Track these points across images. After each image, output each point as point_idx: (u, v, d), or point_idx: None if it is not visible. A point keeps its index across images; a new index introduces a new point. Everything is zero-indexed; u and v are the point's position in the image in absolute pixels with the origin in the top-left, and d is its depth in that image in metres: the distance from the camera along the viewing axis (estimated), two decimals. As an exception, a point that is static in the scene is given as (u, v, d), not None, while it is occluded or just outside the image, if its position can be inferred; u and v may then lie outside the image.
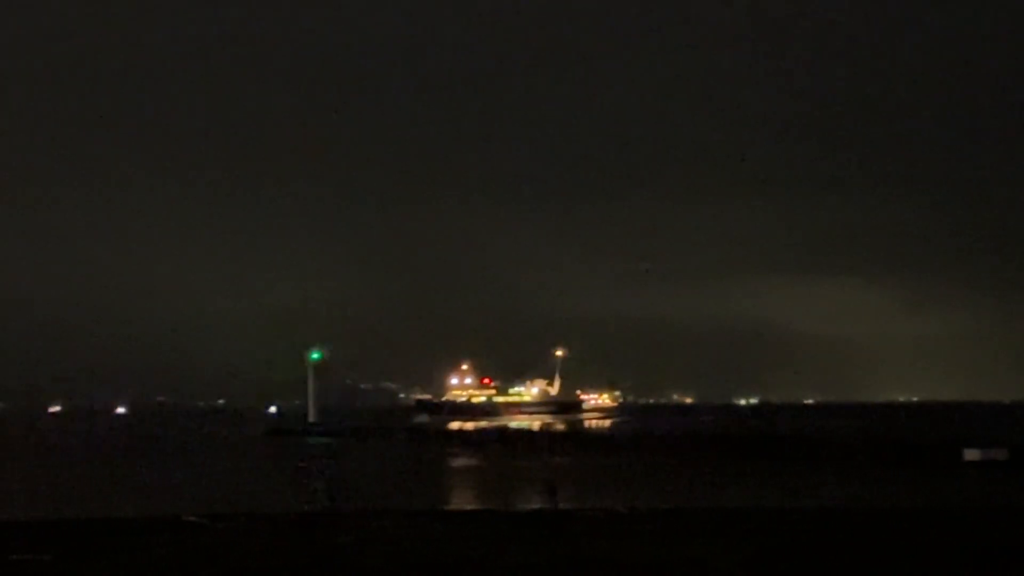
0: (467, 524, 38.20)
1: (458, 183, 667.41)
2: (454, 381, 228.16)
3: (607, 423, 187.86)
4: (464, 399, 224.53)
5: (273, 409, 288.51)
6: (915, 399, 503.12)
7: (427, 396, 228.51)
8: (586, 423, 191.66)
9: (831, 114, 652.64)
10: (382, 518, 42.26)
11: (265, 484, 69.27)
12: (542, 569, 25.05)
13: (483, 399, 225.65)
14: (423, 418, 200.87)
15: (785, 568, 25.15)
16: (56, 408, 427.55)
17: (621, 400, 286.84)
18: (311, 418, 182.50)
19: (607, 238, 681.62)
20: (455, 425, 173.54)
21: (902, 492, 56.68)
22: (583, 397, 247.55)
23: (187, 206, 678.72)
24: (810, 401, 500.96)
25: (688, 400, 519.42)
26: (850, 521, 37.80)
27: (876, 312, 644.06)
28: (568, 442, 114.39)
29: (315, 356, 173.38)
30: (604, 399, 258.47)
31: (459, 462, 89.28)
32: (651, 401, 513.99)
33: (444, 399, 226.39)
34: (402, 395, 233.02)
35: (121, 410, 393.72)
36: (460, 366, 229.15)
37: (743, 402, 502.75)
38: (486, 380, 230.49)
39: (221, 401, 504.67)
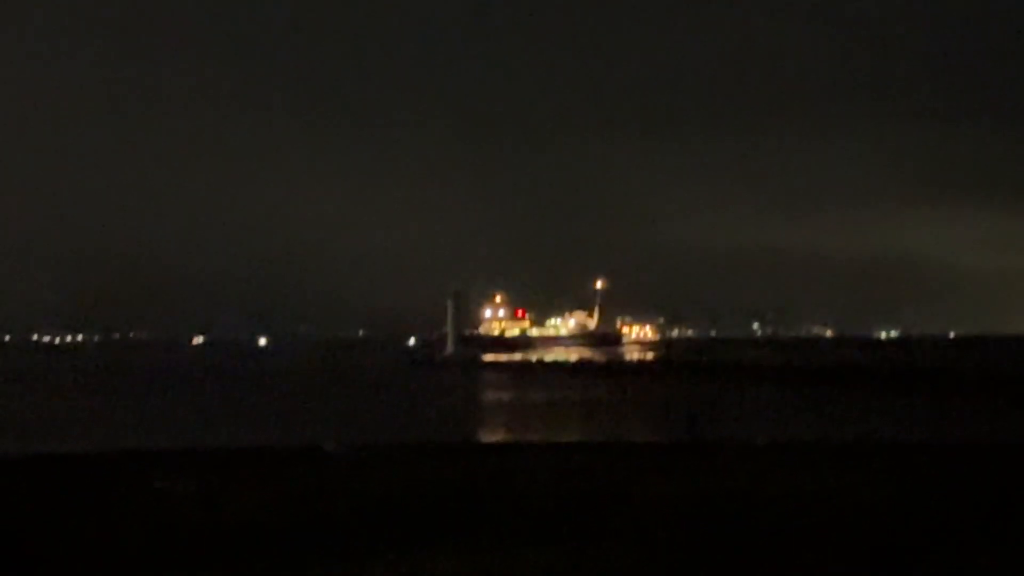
0: (606, 455, 37.98)
1: (579, 119, 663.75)
2: (487, 313, 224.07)
3: (649, 356, 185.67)
4: (497, 332, 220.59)
5: (412, 341, 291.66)
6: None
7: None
8: (627, 356, 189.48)
9: (983, 38, 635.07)
10: (522, 449, 42.36)
11: (410, 415, 69.91)
12: (686, 501, 24.73)
13: (516, 332, 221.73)
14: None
15: (934, 502, 24.53)
16: (199, 339, 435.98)
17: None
18: (449, 350, 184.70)
19: (747, 171, 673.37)
20: (489, 357, 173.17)
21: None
22: (624, 330, 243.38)
23: (323, 141, 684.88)
24: (953, 334, 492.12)
25: (828, 333, 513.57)
26: (993, 457, 36.87)
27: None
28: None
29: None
30: (647, 332, 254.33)
31: (583, 394, 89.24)
32: (790, 334, 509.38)
33: (475, 332, 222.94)
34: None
35: (263, 341, 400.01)
36: (494, 298, 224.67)
37: (883, 335, 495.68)
38: (520, 312, 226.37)
39: (361, 332, 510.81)
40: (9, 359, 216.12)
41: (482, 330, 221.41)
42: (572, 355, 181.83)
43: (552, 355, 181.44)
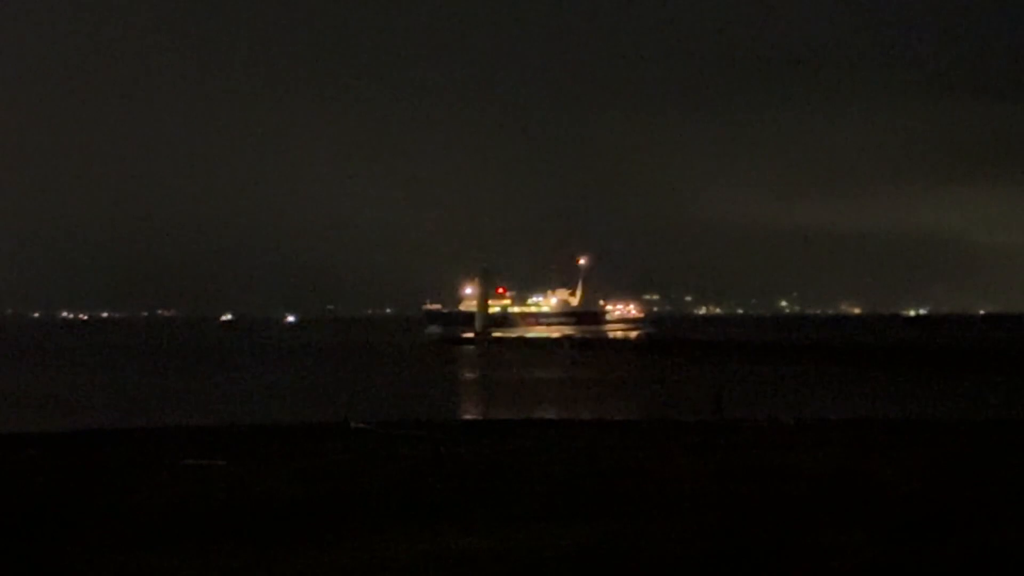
0: (633, 433, 37.92)
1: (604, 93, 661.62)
2: (467, 291, 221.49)
3: (633, 334, 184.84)
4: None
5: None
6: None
7: (437, 306, 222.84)
8: (610, 334, 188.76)
9: (1006, 16, 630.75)
10: (548, 426, 42.31)
11: (438, 391, 69.97)
12: (715, 478, 24.65)
13: (497, 309, 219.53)
14: (435, 329, 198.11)
15: (964, 478, 24.39)
16: (227, 317, 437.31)
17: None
18: (476, 327, 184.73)
19: (773, 152, 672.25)
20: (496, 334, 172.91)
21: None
22: (608, 307, 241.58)
23: (350, 120, 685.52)
24: (982, 312, 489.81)
25: (856, 311, 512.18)
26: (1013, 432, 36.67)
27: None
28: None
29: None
30: (631, 309, 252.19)
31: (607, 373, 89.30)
32: (818, 312, 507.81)
33: (455, 310, 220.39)
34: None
35: (291, 319, 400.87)
36: (474, 276, 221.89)
37: (912, 313, 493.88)
38: (500, 290, 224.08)
39: (389, 310, 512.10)
40: (40, 336, 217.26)
41: (463, 307, 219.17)
42: (554, 332, 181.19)
43: (534, 332, 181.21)
